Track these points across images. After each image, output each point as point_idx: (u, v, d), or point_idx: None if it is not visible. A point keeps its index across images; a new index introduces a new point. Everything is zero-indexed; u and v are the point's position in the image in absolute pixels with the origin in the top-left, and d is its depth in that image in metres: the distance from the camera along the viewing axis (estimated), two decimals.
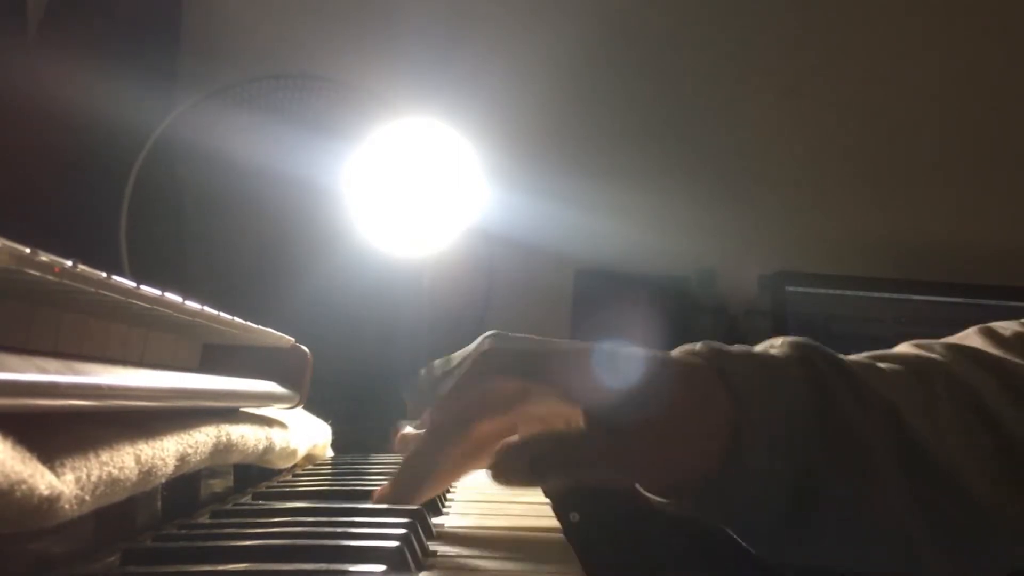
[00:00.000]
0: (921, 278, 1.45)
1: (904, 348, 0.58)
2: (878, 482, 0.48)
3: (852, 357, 0.54)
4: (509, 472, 0.47)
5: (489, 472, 0.48)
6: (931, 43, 1.65)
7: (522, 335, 0.54)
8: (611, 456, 0.47)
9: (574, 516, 0.62)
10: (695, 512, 0.49)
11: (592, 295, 1.50)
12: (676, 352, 0.52)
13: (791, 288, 1.40)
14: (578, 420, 0.49)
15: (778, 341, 0.53)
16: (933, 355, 0.55)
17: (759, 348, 0.53)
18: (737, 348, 0.51)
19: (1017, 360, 0.54)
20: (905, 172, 1.65)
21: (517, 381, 0.51)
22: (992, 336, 0.57)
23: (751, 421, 0.47)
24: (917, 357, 0.55)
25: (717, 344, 0.51)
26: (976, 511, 0.49)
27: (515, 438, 0.50)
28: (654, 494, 0.50)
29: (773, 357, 0.51)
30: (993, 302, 1.41)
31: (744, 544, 0.51)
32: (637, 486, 0.51)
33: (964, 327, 0.63)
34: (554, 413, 0.53)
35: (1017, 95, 1.64)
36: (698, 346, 0.51)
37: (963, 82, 1.64)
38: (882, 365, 0.54)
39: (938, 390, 0.52)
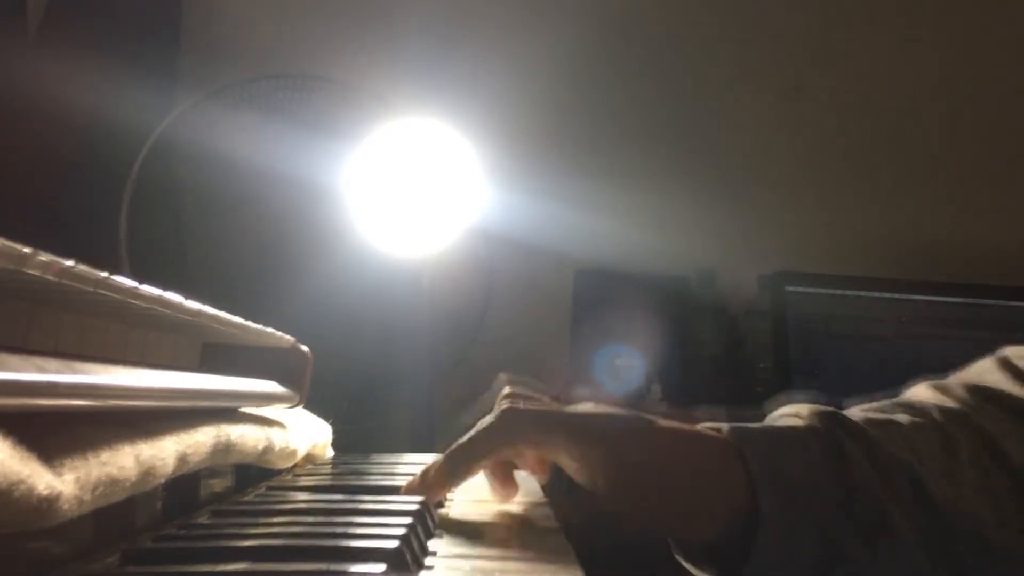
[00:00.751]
0: (921, 278, 1.45)
1: (924, 393, 0.59)
2: (897, 544, 0.50)
3: (872, 414, 0.56)
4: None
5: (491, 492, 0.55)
6: (931, 43, 1.65)
7: (538, 400, 0.58)
8: (624, 510, 0.52)
9: (574, 516, 0.62)
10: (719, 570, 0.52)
11: (592, 295, 1.50)
12: (700, 426, 0.54)
13: (791, 288, 1.40)
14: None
15: (805, 411, 0.55)
16: (952, 403, 0.56)
17: (783, 419, 0.56)
18: (758, 426, 0.54)
19: None
20: (905, 172, 1.65)
21: (534, 447, 0.54)
22: (1010, 370, 0.58)
23: (764, 491, 0.49)
24: (938, 408, 0.56)
25: (740, 424, 0.53)
26: (990, 554, 0.51)
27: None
28: (658, 539, 0.54)
29: (793, 431, 0.53)
30: (993, 302, 1.41)
31: None
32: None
33: (964, 327, 0.63)
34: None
35: (1017, 95, 1.64)
36: (724, 427, 0.53)
37: (963, 82, 1.64)
38: (902, 420, 0.55)
39: (958, 443, 0.54)
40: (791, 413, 0.56)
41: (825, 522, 0.50)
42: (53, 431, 0.30)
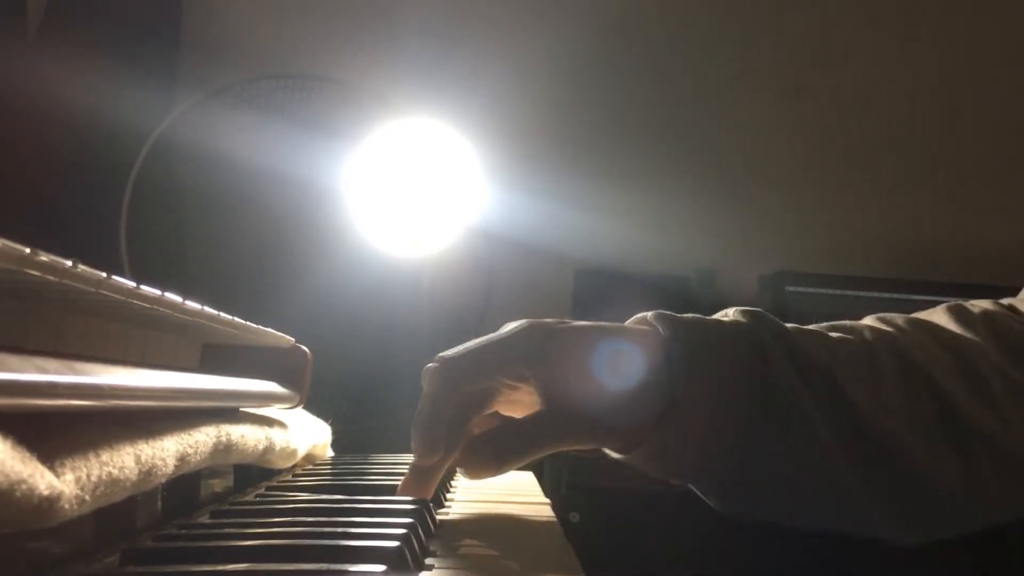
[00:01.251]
0: (921, 278, 1.45)
1: (866, 320, 0.60)
2: (813, 441, 0.51)
3: (808, 327, 0.57)
4: (476, 465, 0.52)
5: (459, 469, 0.53)
6: (931, 43, 1.65)
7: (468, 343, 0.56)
8: (568, 429, 0.52)
9: (574, 516, 0.63)
10: (650, 470, 0.53)
11: (592, 295, 1.50)
12: (629, 322, 0.56)
13: (791, 288, 1.40)
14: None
15: (731, 311, 0.57)
16: (889, 328, 0.58)
17: (713, 316, 0.57)
18: (686, 316, 0.55)
19: (974, 339, 0.56)
20: (905, 172, 1.65)
21: (478, 384, 0.54)
22: (959, 314, 0.59)
23: (687, 387, 0.51)
24: (872, 329, 0.57)
25: (668, 313, 0.54)
26: (916, 474, 0.52)
27: (478, 433, 0.54)
28: (613, 452, 0.55)
29: (719, 324, 0.55)
30: None
31: (703, 499, 0.55)
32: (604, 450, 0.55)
33: None
34: (527, 400, 0.56)
35: (1017, 95, 1.64)
36: (649, 315, 0.55)
37: (963, 82, 1.64)
38: (834, 335, 0.56)
39: (883, 360, 0.55)
40: (721, 313, 0.58)
41: (741, 413, 0.51)
42: (53, 431, 0.30)
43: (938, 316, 0.60)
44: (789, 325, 0.56)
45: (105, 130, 1.23)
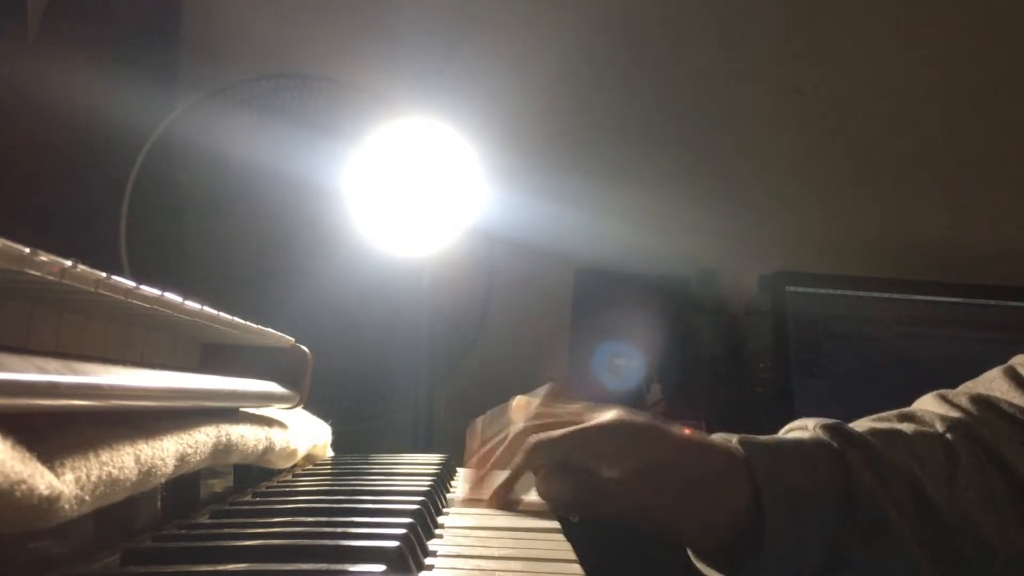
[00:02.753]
0: (921, 278, 1.45)
1: (930, 403, 0.64)
2: (896, 544, 0.55)
3: (877, 424, 0.61)
4: (556, 493, 0.58)
5: (537, 487, 0.59)
6: (931, 43, 1.65)
7: (549, 411, 0.61)
8: (640, 504, 0.56)
9: (574, 516, 0.63)
10: (733, 572, 0.57)
11: (592, 295, 1.50)
12: (714, 436, 0.60)
13: (791, 288, 1.40)
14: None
15: (811, 423, 0.60)
16: (956, 412, 0.61)
17: (791, 432, 0.61)
18: (765, 438, 0.59)
19: None
20: (905, 173, 1.65)
21: (563, 461, 0.58)
22: (1015, 379, 0.63)
23: (770, 498, 0.54)
24: (942, 418, 0.61)
25: (750, 436, 0.58)
26: (988, 552, 0.56)
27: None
28: (669, 538, 0.59)
29: (796, 441, 0.59)
30: (993, 302, 1.41)
31: None
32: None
33: (964, 327, 0.67)
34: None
35: (1017, 95, 1.64)
36: (734, 438, 0.58)
37: (963, 82, 1.64)
38: (906, 430, 0.60)
39: (959, 451, 0.59)
40: (798, 426, 0.61)
41: (826, 526, 0.55)
42: (53, 431, 0.30)
43: (997, 385, 0.63)
44: (864, 426, 0.61)
45: (105, 130, 1.22)
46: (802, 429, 0.61)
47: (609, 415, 0.59)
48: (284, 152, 1.32)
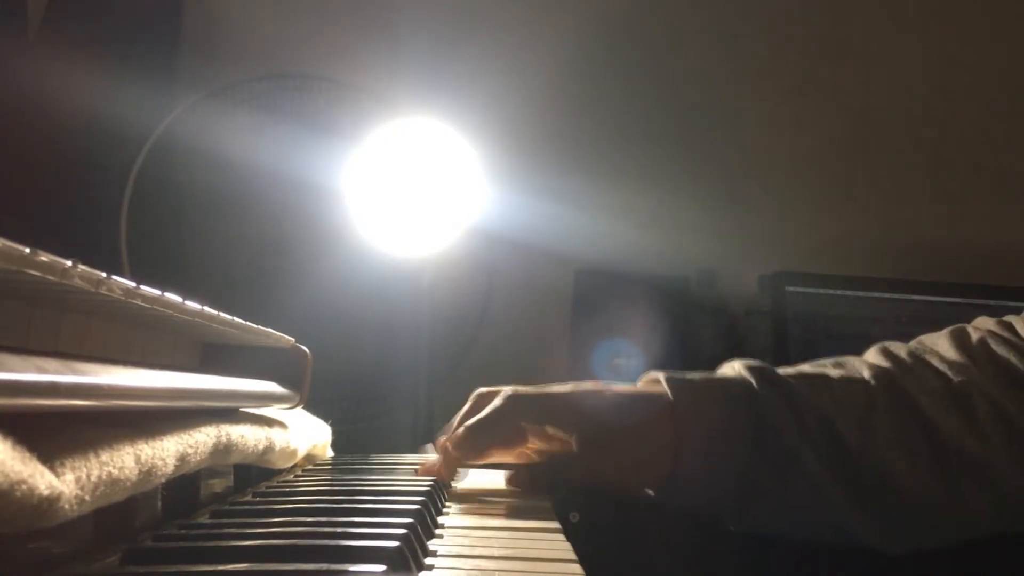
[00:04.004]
0: (921, 278, 1.45)
1: (871, 354, 0.69)
2: (808, 477, 0.61)
3: (814, 371, 0.67)
4: (519, 486, 0.67)
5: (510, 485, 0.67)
6: (931, 43, 1.65)
7: (535, 388, 0.69)
8: (593, 469, 0.64)
9: (574, 516, 0.66)
10: (666, 504, 0.65)
11: (592, 295, 1.50)
12: (643, 383, 0.68)
13: (791, 288, 1.40)
14: (570, 446, 0.65)
15: (737, 364, 0.67)
16: (888, 363, 0.66)
17: (719, 372, 0.68)
18: (692, 376, 0.65)
19: (967, 363, 0.64)
20: (905, 173, 1.65)
21: (532, 422, 0.66)
22: (959, 339, 0.67)
23: (687, 438, 0.62)
24: (871, 366, 0.66)
25: (678, 374, 0.65)
26: (902, 491, 0.61)
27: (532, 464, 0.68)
28: (628, 493, 0.67)
29: (720, 380, 0.65)
30: (992, 302, 1.40)
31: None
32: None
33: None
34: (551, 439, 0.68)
35: (1017, 95, 1.64)
36: (662, 375, 0.65)
37: (962, 82, 1.64)
38: (835, 375, 0.66)
39: (877, 395, 0.63)
40: (727, 366, 0.68)
41: (738, 457, 0.62)
42: (53, 431, 0.30)
43: (941, 342, 0.67)
44: (793, 370, 0.66)
45: (105, 130, 1.22)
46: (730, 368, 0.67)
47: (568, 385, 0.67)
48: (284, 152, 1.32)
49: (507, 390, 0.67)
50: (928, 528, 0.62)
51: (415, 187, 1.22)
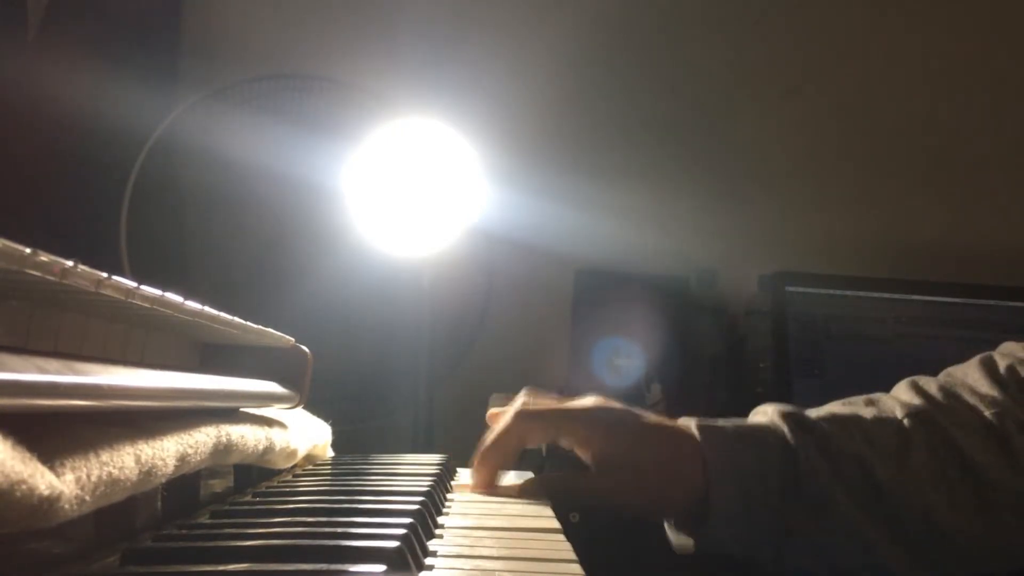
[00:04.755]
0: (920, 278, 1.45)
1: (900, 390, 0.69)
2: (842, 521, 0.61)
3: (841, 410, 0.67)
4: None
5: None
6: (931, 43, 1.65)
7: (547, 398, 0.69)
8: (609, 493, 0.64)
9: (574, 516, 0.67)
10: (703, 548, 0.64)
11: (592, 295, 1.50)
12: (680, 421, 0.66)
13: (791, 288, 1.40)
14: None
15: (770, 409, 0.67)
16: (920, 400, 0.66)
17: (751, 418, 0.68)
18: (723, 422, 0.65)
19: (999, 396, 0.64)
20: (905, 172, 1.65)
21: (542, 440, 0.67)
22: (989, 369, 0.67)
23: (721, 485, 0.61)
24: (903, 404, 0.66)
25: (708, 420, 0.65)
26: (940, 527, 0.61)
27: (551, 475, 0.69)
28: (641, 518, 0.69)
29: (752, 427, 0.65)
30: (992, 302, 1.41)
31: None
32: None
33: (964, 327, 0.70)
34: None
35: (1017, 95, 1.64)
36: (693, 421, 0.65)
37: (963, 82, 1.64)
38: (866, 415, 0.66)
39: (912, 437, 0.63)
40: (760, 412, 0.68)
41: (772, 502, 0.61)
42: (53, 431, 0.30)
43: (971, 373, 0.68)
44: (825, 411, 0.66)
45: (105, 130, 1.22)
46: (762, 415, 0.67)
47: (588, 401, 0.66)
48: (284, 152, 1.32)
49: (516, 407, 0.66)
50: (968, 564, 0.62)
51: (415, 187, 1.22)
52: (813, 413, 0.66)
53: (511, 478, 0.71)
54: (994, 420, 0.63)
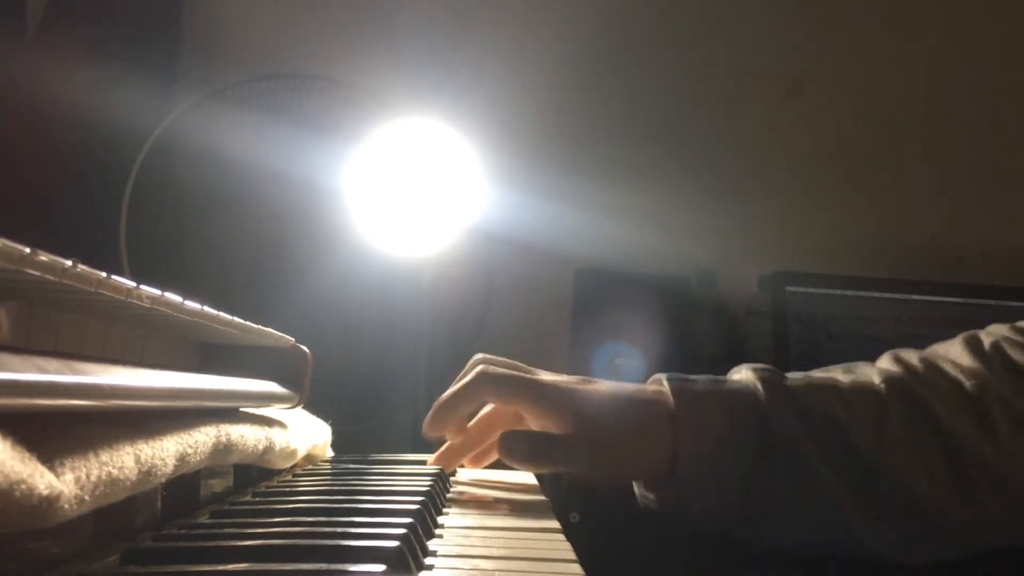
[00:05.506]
0: (921, 278, 1.45)
1: (882, 360, 0.68)
2: (817, 484, 0.60)
3: (824, 376, 0.65)
4: (510, 453, 0.63)
5: (498, 446, 0.64)
6: (931, 43, 1.65)
7: (507, 361, 0.69)
8: (586, 460, 0.63)
9: (574, 516, 0.66)
10: (672, 514, 0.64)
11: (592, 295, 1.50)
12: (649, 381, 0.67)
13: (791, 288, 1.40)
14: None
15: (744, 369, 0.65)
16: (899, 369, 0.65)
17: (727, 377, 0.66)
18: (696, 379, 0.64)
19: (981, 369, 0.63)
20: (905, 172, 1.65)
21: (500, 401, 0.67)
22: (972, 344, 0.66)
23: (688, 444, 0.60)
24: (883, 371, 0.65)
25: (680, 376, 0.64)
26: (919, 502, 0.59)
27: (519, 429, 0.66)
28: (612, 486, 0.68)
29: (725, 385, 0.64)
30: (993, 302, 1.41)
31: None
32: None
33: (964, 327, 0.70)
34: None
35: (1017, 95, 1.64)
36: (664, 376, 0.64)
37: (963, 81, 1.64)
38: (845, 381, 0.64)
39: (890, 402, 0.62)
40: (736, 371, 0.66)
41: (745, 466, 0.60)
42: (53, 431, 0.30)
43: (954, 348, 0.66)
44: (802, 375, 0.65)
45: (105, 130, 1.22)
46: (738, 373, 0.66)
47: (548, 376, 0.67)
48: (284, 152, 1.32)
49: (479, 366, 0.66)
50: (944, 537, 0.61)
51: (415, 187, 1.22)
52: (790, 376, 0.65)
53: (500, 477, 0.71)
54: (973, 392, 0.61)
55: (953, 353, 0.66)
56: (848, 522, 0.60)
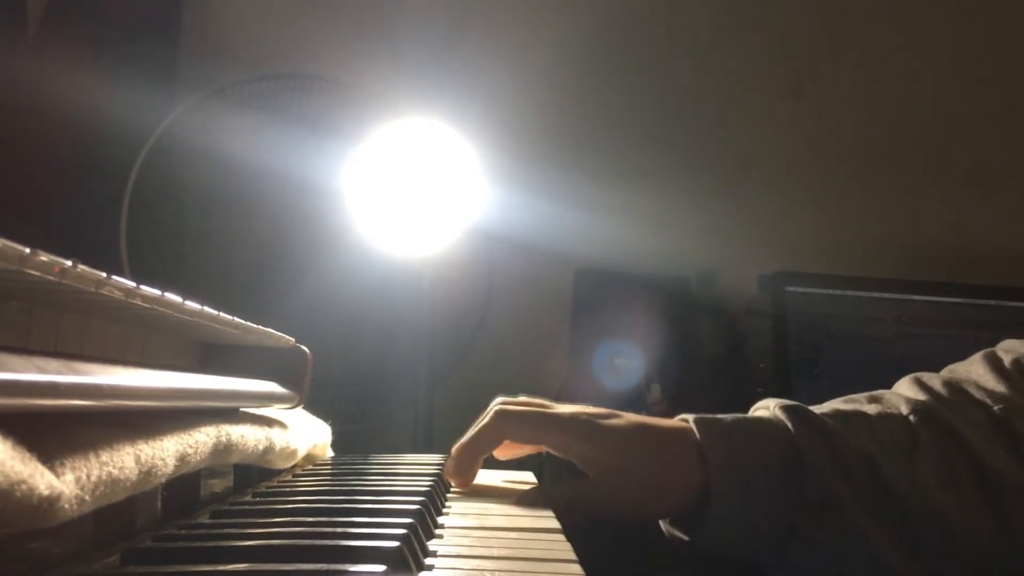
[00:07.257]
0: (921, 278, 1.45)
1: (903, 386, 0.67)
2: (848, 519, 0.59)
3: (842, 406, 0.65)
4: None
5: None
6: (931, 43, 1.65)
7: (525, 400, 0.68)
8: (605, 499, 0.62)
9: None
10: (701, 548, 0.63)
11: (592, 295, 1.50)
12: (676, 419, 0.65)
13: (791, 288, 1.40)
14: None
15: (771, 403, 0.65)
16: (925, 396, 0.64)
17: (752, 412, 0.66)
18: (722, 417, 0.63)
19: (1007, 392, 0.62)
20: (905, 172, 1.65)
21: (522, 441, 0.66)
22: (994, 364, 0.65)
23: (721, 481, 0.59)
24: (908, 400, 0.64)
25: (706, 415, 0.63)
26: (951, 530, 0.59)
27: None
28: (637, 522, 0.65)
29: (754, 421, 0.63)
30: (993, 302, 1.41)
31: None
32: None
33: (964, 327, 0.68)
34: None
35: (1017, 95, 1.64)
36: (690, 416, 0.63)
37: (962, 82, 1.64)
38: (870, 411, 0.63)
39: (919, 433, 0.61)
40: (761, 407, 0.66)
41: (774, 501, 0.60)
42: (53, 431, 0.30)
43: (975, 369, 0.66)
44: (828, 408, 0.64)
45: (105, 130, 1.22)
46: (764, 409, 0.65)
47: (571, 408, 0.65)
48: (284, 152, 1.32)
49: (496, 406, 0.65)
50: (978, 564, 0.60)
51: (415, 187, 1.22)
52: (816, 409, 0.64)
53: (501, 478, 0.71)
54: (1002, 415, 0.61)
55: (975, 374, 0.65)
56: (878, 553, 0.59)
